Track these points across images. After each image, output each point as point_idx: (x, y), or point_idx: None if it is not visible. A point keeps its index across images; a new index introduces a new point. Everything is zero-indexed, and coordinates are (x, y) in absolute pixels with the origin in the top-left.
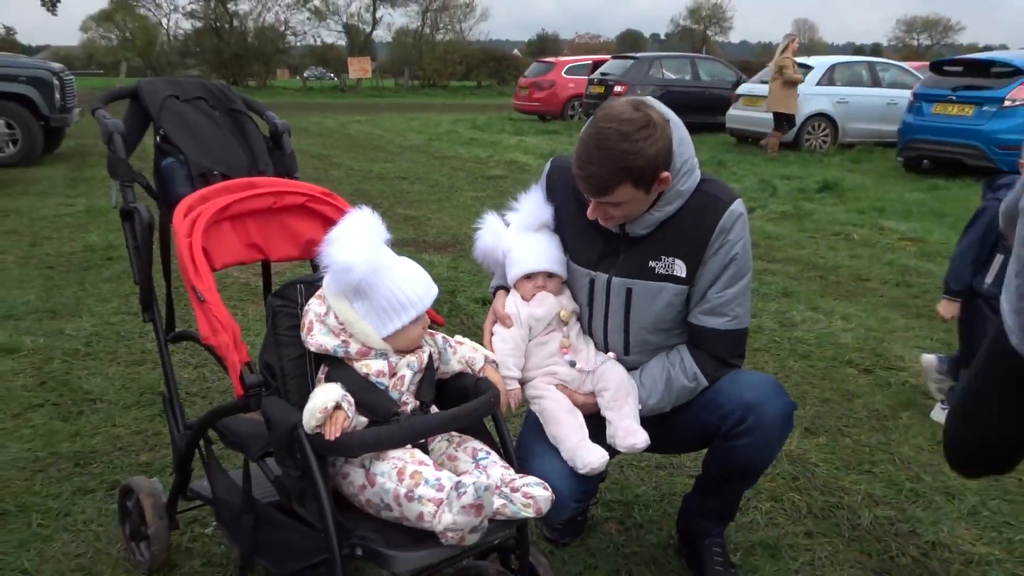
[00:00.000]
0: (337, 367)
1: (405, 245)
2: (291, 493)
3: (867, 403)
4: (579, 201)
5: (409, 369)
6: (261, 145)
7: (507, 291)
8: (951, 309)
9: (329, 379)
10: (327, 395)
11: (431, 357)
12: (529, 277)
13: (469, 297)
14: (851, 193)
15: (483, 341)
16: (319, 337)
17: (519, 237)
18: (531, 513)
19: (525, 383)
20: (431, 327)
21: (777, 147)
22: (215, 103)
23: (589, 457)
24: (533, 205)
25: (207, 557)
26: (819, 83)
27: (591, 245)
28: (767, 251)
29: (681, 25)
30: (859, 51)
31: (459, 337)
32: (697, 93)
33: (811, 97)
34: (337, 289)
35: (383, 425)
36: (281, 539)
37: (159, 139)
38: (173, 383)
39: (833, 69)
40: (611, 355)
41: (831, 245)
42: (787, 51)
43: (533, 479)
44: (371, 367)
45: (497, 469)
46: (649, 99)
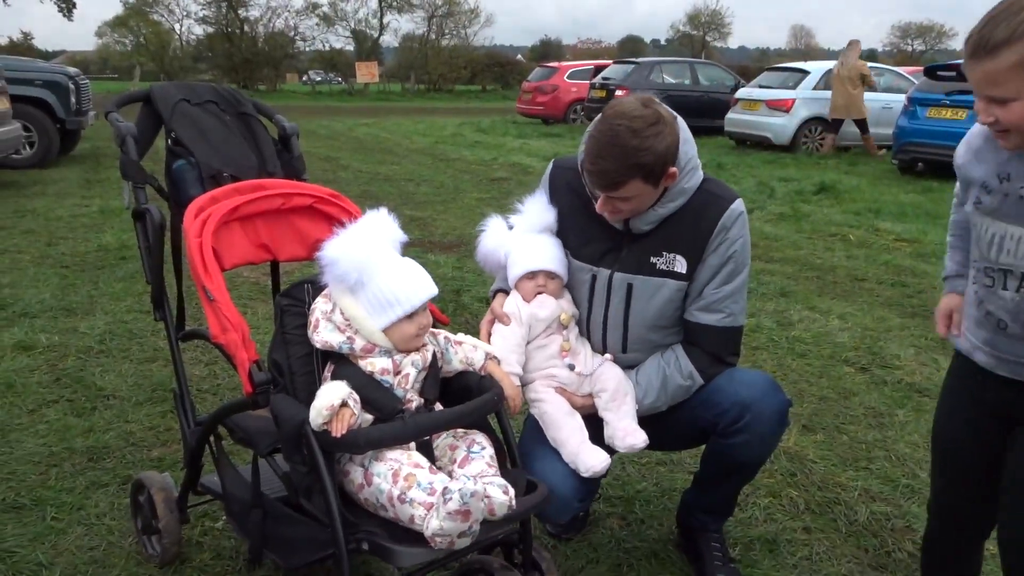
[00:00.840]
0: (343, 365)
1: (411, 245)
2: (299, 488)
3: (864, 401)
4: (582, 199)
5: (413, 367)
6: (270, 147)
7: (507, 294)
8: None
9: (335, 377)
10: (333, 393)
11: (435, 356)
12: (530, 277)
13: (474, 296)
14: (847, 195)
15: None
16: (324, 334)
17: (521, 238)
18: (483, 510)
19: (525, 385)
20: (436, 326)
21: (831, 148)
22: (226, 107)
23: (591, 460)
24: (538, 208)
25: (217, 551)
26: (816, 88)
27: (594, 242)
28: (765, 251)
29: (681, 31)
30: None
31: (460, 335)
32: (696, 97)
33: (808, 101)
34: (329, 282)
35: (388, 422)
36: (289, 533)
37: (171, 142)
38: (184, 380)
39: (829, 74)
40: (608, 357)
41: (828, 246)
42: (855, 56)
43: (499, 480)
44: (375, 365)
45: (480, 464)
46: (656, 97)
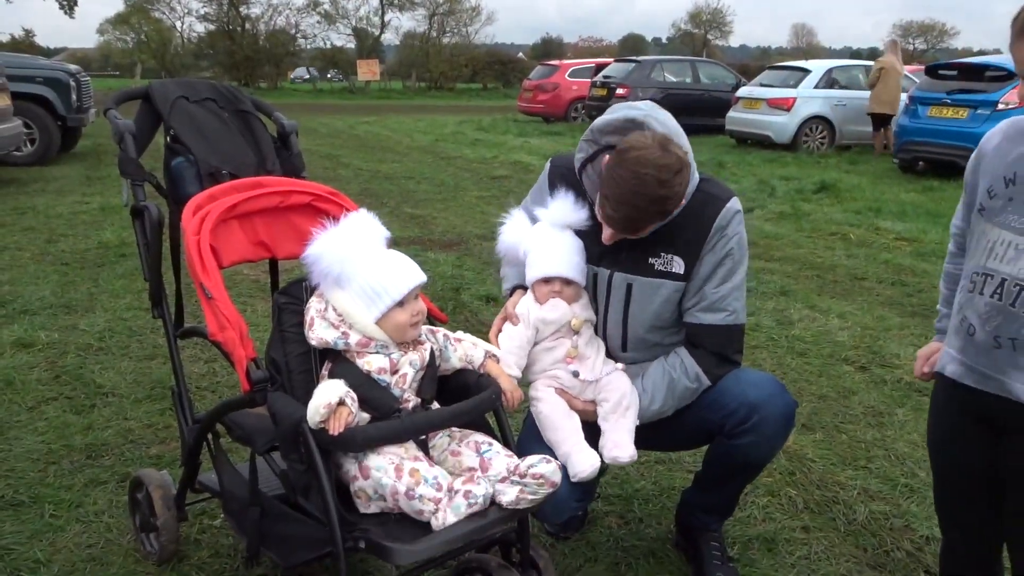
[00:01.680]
0: (340, 364)
1: (411, 243)
2: (296, 486)
3: (863, 400)
4: (577, 200)
5: (411, 367)
6: (269, 145)
7: (525, 290)
8: None
9: (332, 375)
10: (331, 391)
11: (433, 354)
12: (546, 281)
13: (473, 295)
14: (848, 194)
15: (487, 337)
16: (319, 331)
17: (543, 238)
18: (548, 490)
19: (527, 384)
20: (434, 324)
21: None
22: (224, 104)
23: (580, 466)
24: (565, 206)
25: (215, 548)
26: (817, 86)
27: (594, 242)
28: (765, 250)
29: (682, 29)
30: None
31: (459, 333)
32: (697, 96)
33: (809, 100)
34: (317, 280)
35: (385, 421)
36: (287, 531)
37: (169, 139)
38: (182, 378)
39: (831, 72)
40: (620, 366)
41: (828, 245)
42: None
43: (534, 457)
44: (372, 364)
45: (502, 459)
46: (653, 116)
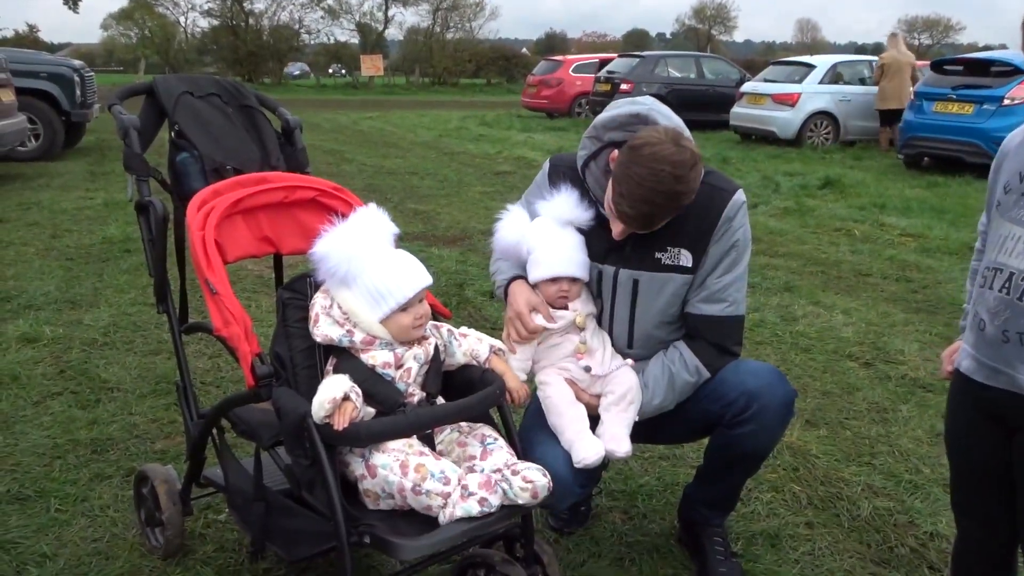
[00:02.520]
0: (345, 359)
1: (415, 239)
2: (301, 481)
3: (867, 396)
4: (584, 199)
5: (416, 361)
6: (273, 141)
7: (524, 279)
8: None
9: (337, 371)
10: (336, 386)
11: (437, 349)
12: (553, 281)
13: (477, 290)
14: (852, 189)
15: (491, 333)
16: (324, 328)
17: (547, 236)
18: (527, 498)
19: (536, 371)
20: (438, 319)
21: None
22: (228, 99)
23: (584, 452)
24: (569, 203)
25: (220, 543)
26: (821, 82)
27: (598, 239)
28: (769, 246)
29: (686, 24)
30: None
31: (464, 329)
32: (702, 91)
33: (813, 95)
34: (324, 278)
35: (390, 416)
36: (291, 526)
37: (174, 134)
38: (187, 373)
39: (835, 68)
40: (628, 361)
41: (832, 240)
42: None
43: (534, 465)
44: (377, 359)
45: (503, 454)
46: (656, 110)
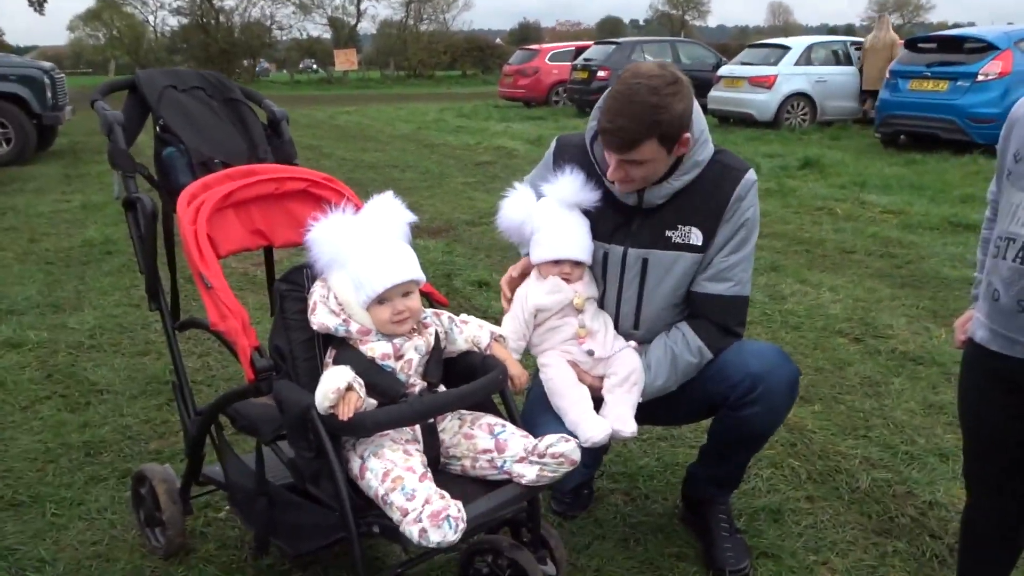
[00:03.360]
0: (344, 350)
1: None
2: (305, 474)
3: (859, 371)
4: (587, 175)
5: (416, 352)
6: (260, 133)
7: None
8: None
9: (337, 362)
10: (339, 376)
11: (438, 337)
12: (556, 263)
13: (465, 280)
14: (832, 169)
15: (490, 312)
16: (321, 316)
17: (551, 218)
18: (568, 468)
19: (537, 354)
20: (437, 307)
21: None
22: (213, 92)
23: (591, 431)
24: (574, 184)
25: (222, 540)
26: (797, 63)
27: (604, 218)
28: None
29: (659, 11)
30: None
31: (464, 316)
32: None
33: (790, 77)
34: (312, 260)
35: (394, 405)
36: (296, 520)
37: (159, 129)
38: (182, 370)
39: (811, 49)
40: (631, 343)
41: (815, 220)
42: (887, 29)
43: (553, 437)
44: (376, 350)
45: (518, 440)
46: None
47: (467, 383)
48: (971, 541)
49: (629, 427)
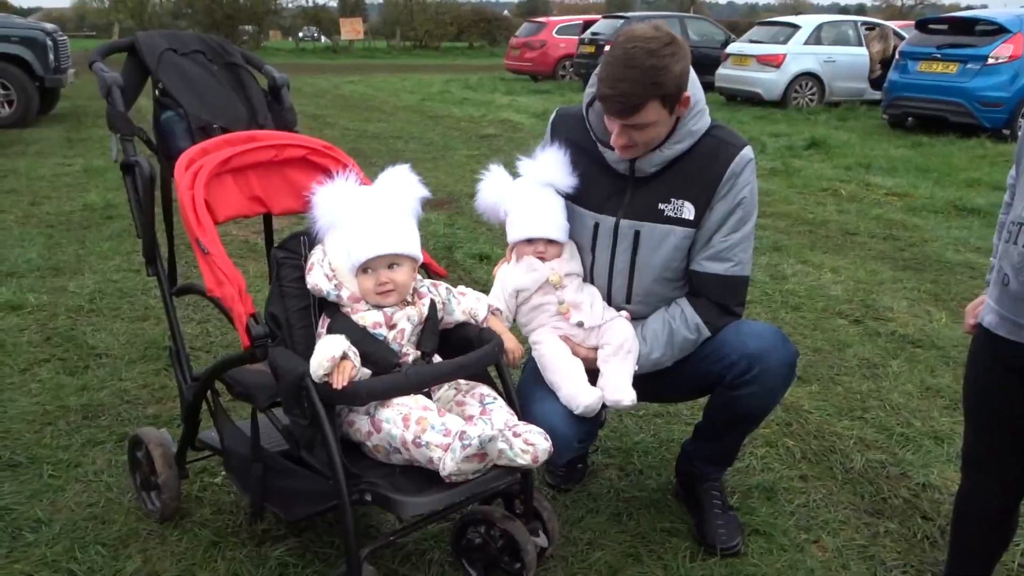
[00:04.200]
0: (338, 319)
1: None
2: (300, 441)
3: (858, 352)
4: (584, 145)
5: (409, 322)
6: (260, 99)
7: None
8: None
9: (330, 331)
10: (334, 345)
11: (433, 307)
12: (530, 242)
13: (466, 253)
14: (838, 150)
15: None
16: (316, 277)
17: (523, 198)
18: (527, 461)
19: (527, 333)
20: (435, 277)
21: None
22: (213, 57)
23: (583, 397)
24: (549, 161)
25: (217, 505)
26: (807, 42)
27: (597, 187)
28: (757, 206)
29: None
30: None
31: (462, 287)
32: None
33: (798, 56)
34: (313, 221)
35: (389, 374)
36: (290, 486)
37: (158, 92)
38: (179, 335)
39: (820, 28)
40: (623, 313)
41: (819, 200)
42: None
43: (536, 428)
44: (367, 319)
45: (502, 414)
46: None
47: (463, 354)
48: (966, 523)
49: (628, 395)
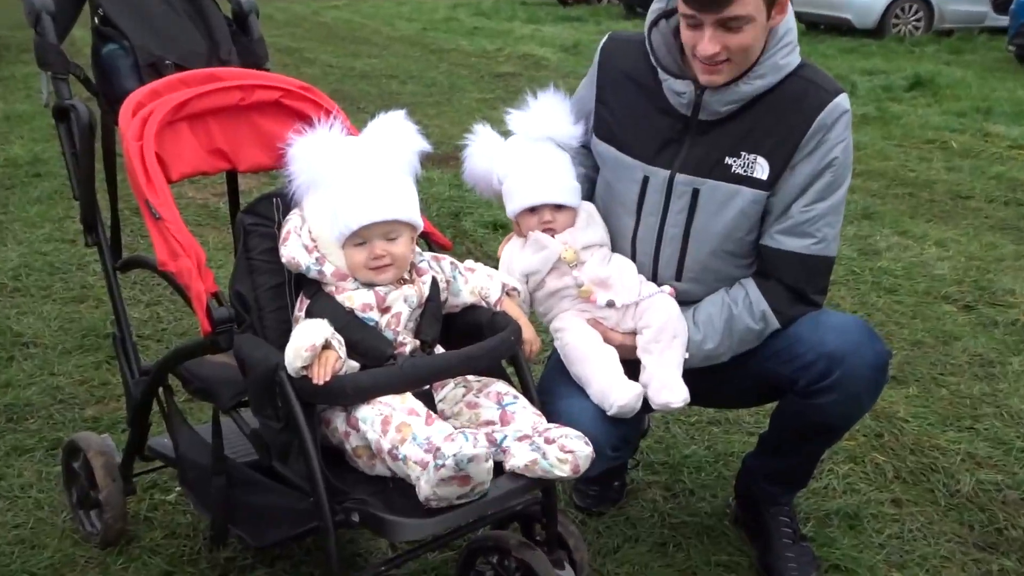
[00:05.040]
0: (318, 300)
1: None
2: (272, 449)
3: (968, 346)
4: (639, 78)
5: (406, 304)
6: (224, 30)
7: None
8: None
9: (310, 315)
10: (314, 332)
11: (435, 287)
12: (532, 211)
13: (477, 221)
14: (949, 91)
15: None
16: (292, 249)
17: (517, 160)
18: (566, 472)
19: (548, 321)
20: (438, 251)
21: None
22: None
23: (619, 395)
24: (550, 112)
25: (170, 528)
26: None
27: (650, 132)
28: None
29: None
30: None
31: (471, 263)
32: None
33: None
34: (288, 180)
35: (380, 368)
36: (260, 504)
37: (97, 21)
38: (125, 320)
39: None
40: (666, 288)
41: (923, 155)
42: None
43: (573, 431)
44: (354, 299)
45: (528, 416)
46: None
47: (472, 344)
48: None
49: (678, 394)
